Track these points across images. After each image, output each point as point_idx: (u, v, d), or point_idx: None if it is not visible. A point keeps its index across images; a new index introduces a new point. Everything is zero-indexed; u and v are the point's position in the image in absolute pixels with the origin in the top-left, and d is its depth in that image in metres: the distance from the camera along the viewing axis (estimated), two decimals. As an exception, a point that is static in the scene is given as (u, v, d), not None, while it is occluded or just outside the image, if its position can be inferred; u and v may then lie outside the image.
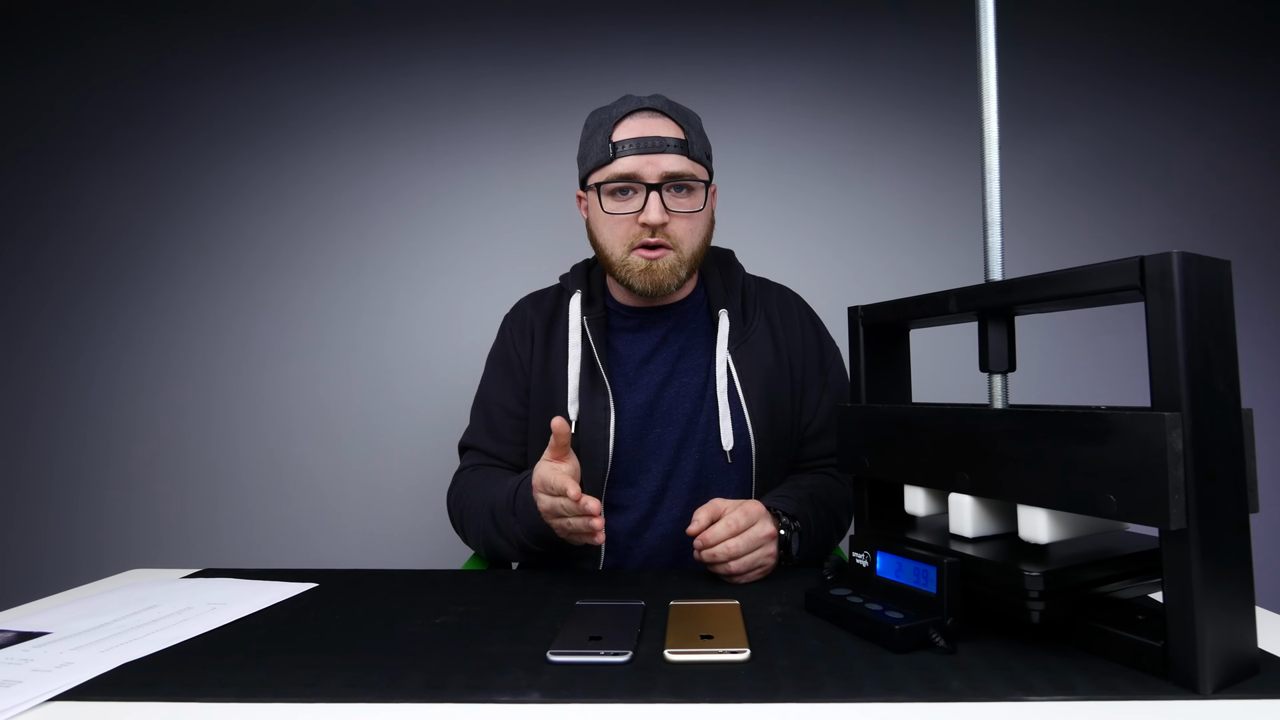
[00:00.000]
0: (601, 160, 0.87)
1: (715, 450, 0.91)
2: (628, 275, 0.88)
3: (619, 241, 0.88)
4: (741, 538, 0.71)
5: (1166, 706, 0.41)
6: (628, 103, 0.89)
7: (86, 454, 1.60)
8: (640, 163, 0.85)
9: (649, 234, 0.86)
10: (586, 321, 0.94)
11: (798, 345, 0.98)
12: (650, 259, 0.87)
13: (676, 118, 0.88)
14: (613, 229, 0.88)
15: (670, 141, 0.86)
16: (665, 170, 0.85)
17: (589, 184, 0.91)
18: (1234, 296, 0.44)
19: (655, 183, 0.85)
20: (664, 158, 0.85)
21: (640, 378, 0.93)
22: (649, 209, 0.85)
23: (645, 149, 0.85)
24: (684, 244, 0.88)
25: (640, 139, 0.85)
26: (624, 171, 0.86)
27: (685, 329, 0.96)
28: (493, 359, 1.03)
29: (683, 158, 0.86)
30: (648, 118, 0.87)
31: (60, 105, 1.63)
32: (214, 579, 0.75)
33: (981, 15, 0.57)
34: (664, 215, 0.85)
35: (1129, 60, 1.57)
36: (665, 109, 0.88)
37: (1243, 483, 0.44)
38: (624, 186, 0.87)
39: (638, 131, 0.86)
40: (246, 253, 1.61)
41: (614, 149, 0.86)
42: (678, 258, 0.88)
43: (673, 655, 0.50)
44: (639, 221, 0.86)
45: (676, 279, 0.89)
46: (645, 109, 0.88)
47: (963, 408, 0.57)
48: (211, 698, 0.45)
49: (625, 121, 0.87)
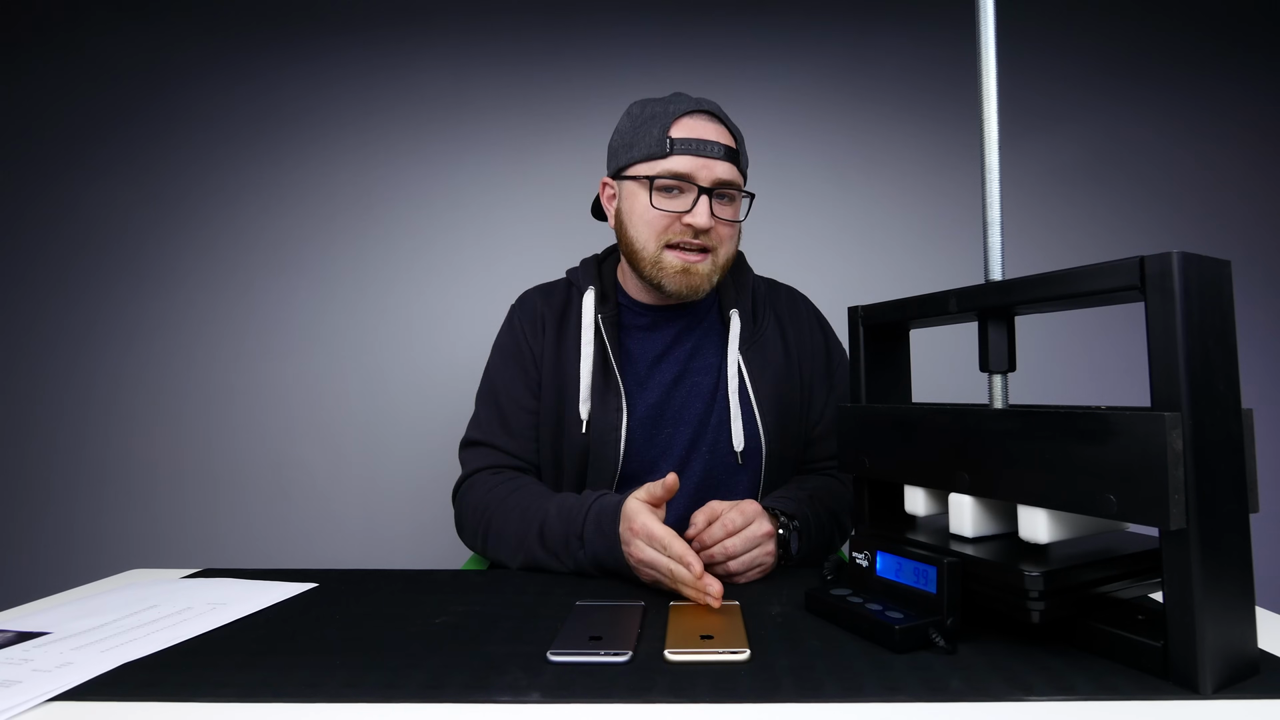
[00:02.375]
0: (655, 154, 0.86)
1: (726, 451, 0.91)
2: (659, 273, 0.88)
3: (655, 237, 0.87)
4: (738, 537, 0.71)
5: (1166, 706, 0.41)
6: (684, 101, 0.88)
7: (86, 454, 1.60)
8: (696, 164, 0.85)
9: (690, 235, 0.86)
10: (601, 319, 0.93)
11: (806, 347, 0.98)
12: (689, 261, 0.87)
13: (729, 126, 0.89)
14: (651, 224, 0.87)
15: (724, 148, 0.86)
16: (718, 176, 0.85)
17: (632, 175, 0.89)
18: (1234, 296, 0.44)
19: (707, 187, 0.85)
20: (718, 164, 0.85)
21: (651, 377, 0.93)
22: (698, 212, 0.85)
23: (702, 151, 0.85)
24: (721, 250, 0.89)
25: (699, 140, 0.85)
26: (679, 170, 0.85)
27: (697, 329, 0.96)
28: (501, 350, 1.00)
29: (733, 166, 0.87)
30: (704, 120, 0.87)
31: (59, 105, 1.63)
32: (214, 579, 0.75)
33: (981, 15, 0.57)
34: (711, 220, 0.85)
35: (1129, 60, 1.57)
36: (720, 115, 0.89)
37: (1243, 483, 0.44)
38: (674, 185, 0.86)
39: (696, 132, 0.86)
40: (245, 253, 1.61)
41: (670, 145, 0.85)
42: (714, 263, 0.88)
43: (673, 655, 0.50)
44: (684, 221, 0.86)
45: (710, 284, 0.89)
46: (702, 111, 0.88)
47: (963, 408, 0.57)
48: (211, 698, 0.45)
49: (683, 120, 0.87)
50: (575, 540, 0.76)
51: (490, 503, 0.87)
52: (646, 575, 0.68)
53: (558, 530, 0.78)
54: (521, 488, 0.87)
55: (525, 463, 0.95)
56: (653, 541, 0.67)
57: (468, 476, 0.94)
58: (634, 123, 0.90)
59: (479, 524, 0.87)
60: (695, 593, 0.63)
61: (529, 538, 0.80)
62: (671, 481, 0.69)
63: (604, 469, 0.89)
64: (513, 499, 0.85)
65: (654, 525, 0.67)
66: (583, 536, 0.75)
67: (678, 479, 0.69)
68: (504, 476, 0.91)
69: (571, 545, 0.76)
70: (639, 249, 0.89)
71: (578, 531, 0.75)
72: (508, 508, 0.84)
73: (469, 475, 0.94)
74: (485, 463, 0.93)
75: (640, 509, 0.70)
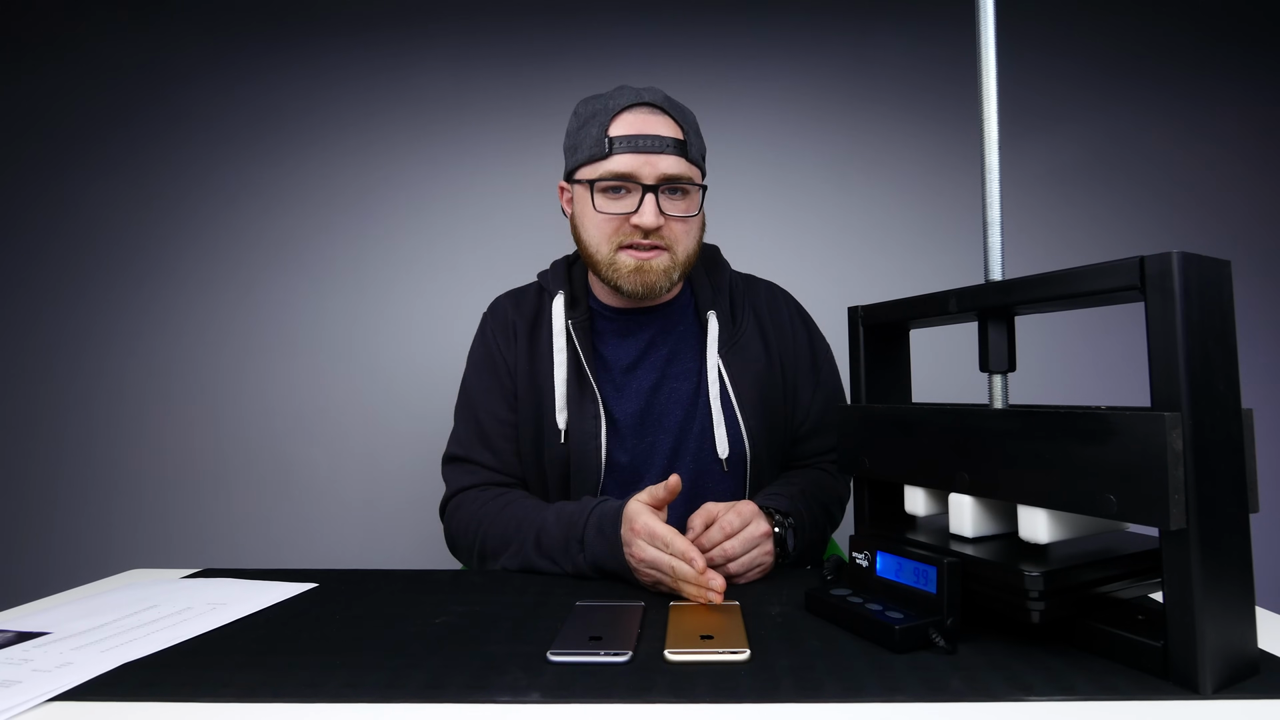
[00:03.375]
0: (595, 155, 0.83)
1: (710, 458, 0.89)
2: (615, 275, 0.85)
3: (606, 240, 0.85)
4: (737, 539, 0.71)
5: (1166, 706, 0.41)
6: (624, 95, 0.85)
7: (87, 454, 1.60)
8: (637, 162, 0.82)
9: (641, 235, 0.83)
10: (571, 325, 0.90)
11: (788, 344, 0.96)
12: (642, 259, 0.84)
13: (675, 116, 0.85)
14: (600, 227, 0.85)
15: (669, 141, 0.82)
16: (663, 172, 0.82)
17: (578, 178, 0.87)
18: (1234, 296, 0.44)
19: (652, 184, 0.82)
20: (662, 158, 0.82)
21: (629, 383, 0.91)
22: (644, 211, 0.82)
23: (643, 148, 0.82)
24: (678, 246, 0.86)
25: (638, 137, 0.82)
26: (619, 170, 0.82)
27: (673, 332, 0.93)
28: (475, 362, 0.97)
29: (680, 159, 0.83)
30: (646, 114, 0.84)
31: (59, 105, 1.62)
32: (214, 579, 0.75)
33: (981, 15, 0.57)
34: (659, 219, 0.83)
35: (1129, 60, 1.57)
36: (664, 105, 0.85)
37: (1243, 483, 0.44)
38: (618, 185, 0.84)
39: (636, 128, 0.83)
40: (246, 252, 1.61)
41: (610, 144, 0.82)
42: (671, 259, 0.85)
43: (673, 655, 0.50)
44: (632, 223, 0.83)
45: (669, 281, 0.86)
46: (643, 104, 0.84)
47: (963, 408, 0.57)
48: (211, 698, 0.45)
49: (622, 116, 0.84)
50: (575, 544, 0.75)
51: (483, 518, 0.85)
52: (647, 576, 0.68)
53: (556, 536, 0.76)
54: (514, 501, 0.85)
55: (509, 477, 0.92)
56: (654, 540, 0.66)
57: (453, 495, 0.92)
58: (578, 123, 0.87)
59: (473, 541, 0.85)
60: (697, 590, 0.63)
61: (525, 545, 0.79)
62: (674, 483, 0.68)
63: (586, 478, 0.87)
64: (506, 513, 0.83)
65: (656, 524, 0.67)
66: (583, 540, 0.74)
67: (680, 480, 0.69)
68: (492, 493, 0.89)
69: (571, 549, 0.75)
70: (593, 252, 0.87)
71: (579, 536, 0.75)
72: (502, 522, 0.82)
73: (455, 494, 0.92)
74: (470, 481, 0.91)
75: (641, 510, 0.70)
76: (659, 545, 0.66)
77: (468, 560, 0.89)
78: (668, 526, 0.67)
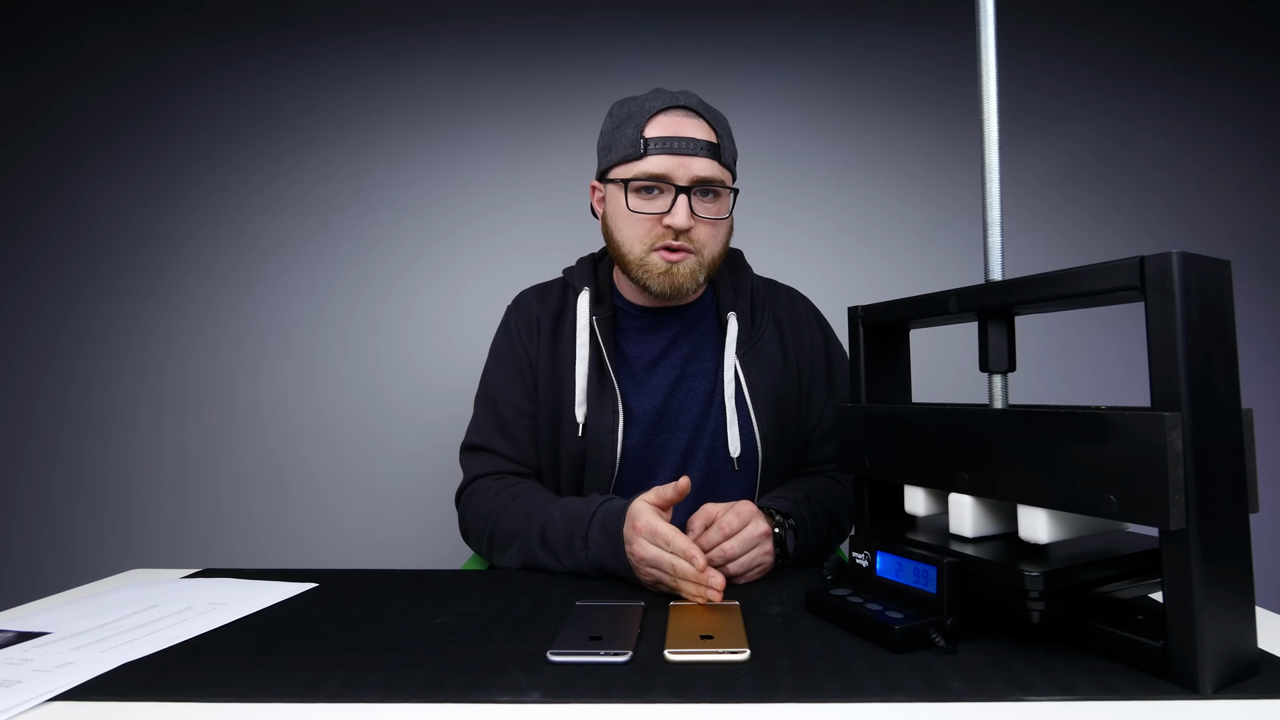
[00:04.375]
0: (630, 155, 0.85)
1: (722, 457, 0.90)
2: (645, 275, 0.87)
3: (639, 240, 0.86)
4: (736, 539, 0.71)
5: (1166, 706, 0.41)
6: (660, 97, 0.86)
7: (86, 454, 1.60)
8: (672, 164, 0.83)
9: (672, 236, 0.85)
10: (595, 321, 0.92)
11: (805, 349, 0.97)
12: (671, 261, 0.85)
13: (709, 119, 0.87)
14: (634, 227, 0.86)
15: (702, 144, 0.84)
16: (696, 174, 0.84)
17: (611, 178, 0.88)
18: (1234, 296, 0.44)
19: (685, 185, 0.83)
20: (695, 161, 0.84)
21: (648, 380, 0.92)
22: (676, 212, 0.83)
23: (677, 150, 0.83)
24: (706, 249, 0.87)
25: (673, 138, 0.83)
26: (654, 171, 0.83)
27: (694, 331, 0.95)
28: (497, 353, 0.99)
29: (714, 162, 0.85)
30: (681, 116, 0.85)
31: (59, 105, 1.63)
32: (214, 579, 0.75)
33: (981, 15, 0.57)
34: (691, 220, 0.84)
35: (1129, 60, 1.57)
36: (699, 109, 0.87)
37: (1243, 483, 0.44)
38: (651, 185, 0.85)
39: (671, 130, 0.84)
40: (245, 252, 1.61)
41: (645, 145, 0.84)
42: (698, 262, 0.87)
43: (673, 655, 0.50)
44: (664, 223, 0.85)
45: (695, 283, 0.88)
46: (679, 107, 0.86)
47: (963, 408, 0.57)
48: (211, 698, 0.45)
49: (658, 117, 0.85)
50: (579, 541, 0.75)
51: (495, 508, 0.86)
52: (648, 575, 0.68)
53: (561, 531, 0.77)
54: (525, 493, 0.87)
55: (525, 467, 0.94)
56: (656, 538, 0.67)
57: (469, 482, 0.94)
58: (614, 124, 0.89)
59: (484, 530, 0.86)
60: (697, 588, 0.63)
61: (531, 538, 0.80)
62: (684, 484, 0.69)
63: (601, 472, 0.88)
64: (516, 504, 0.85)
65: (658, 523, 0.68)
66: (587, 538, 0.75)
67: (689, 483, 0.69)
68: (506, 482, 0.90)
69: (574, 546, 0.75)
70: (625, 252, 0.88)
71: (583, 533, 0.75)
72: (512, 513, 0.84)
73: (470, 481, 0.94)
74: (486, 469, 0.93)
75: (645, 508, 0.70)
76: (660, 543, 0.67)
77: (478, 548, 0.90)
78: (670, 525, 0.67)
